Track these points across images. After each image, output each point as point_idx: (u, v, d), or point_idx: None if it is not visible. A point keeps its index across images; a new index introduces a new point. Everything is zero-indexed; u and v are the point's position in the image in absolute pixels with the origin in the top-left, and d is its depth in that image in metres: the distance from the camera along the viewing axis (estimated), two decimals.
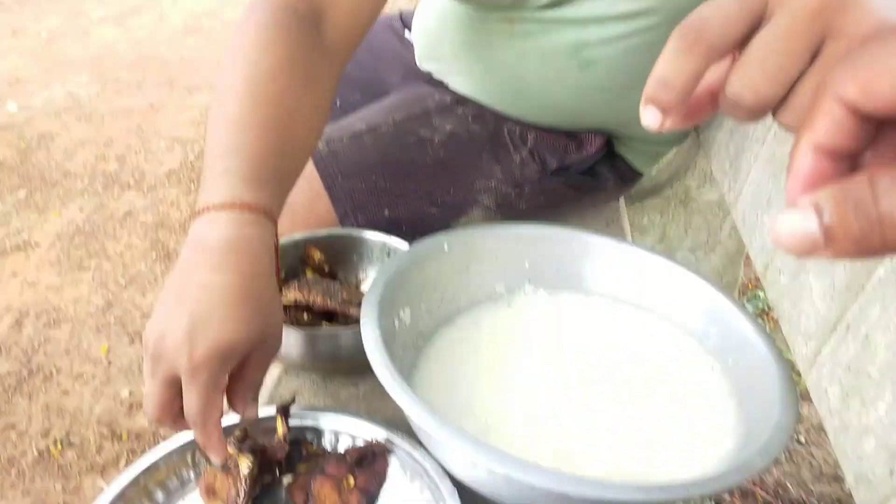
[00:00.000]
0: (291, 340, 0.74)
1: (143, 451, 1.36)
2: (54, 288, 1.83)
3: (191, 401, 0.54)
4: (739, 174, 0.90)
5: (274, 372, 0.80)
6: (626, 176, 1.05)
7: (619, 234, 1.13)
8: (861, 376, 0.52)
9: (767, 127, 0.83)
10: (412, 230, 0.92)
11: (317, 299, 0.77)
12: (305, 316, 0.78)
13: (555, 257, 0.82)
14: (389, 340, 0.63)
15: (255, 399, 0.64)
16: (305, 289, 0.78)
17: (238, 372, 0.59)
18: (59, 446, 1.35)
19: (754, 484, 1.38)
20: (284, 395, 0.77)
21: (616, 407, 0.67)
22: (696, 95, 0.33)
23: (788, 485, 1.37)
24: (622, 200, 1.21)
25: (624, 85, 0.87)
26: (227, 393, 0.60)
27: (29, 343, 1.63)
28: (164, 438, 0.64)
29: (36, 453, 1.35)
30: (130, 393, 1.48)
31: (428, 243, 0.76)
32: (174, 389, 0.55)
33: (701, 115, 0.33)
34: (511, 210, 0.98)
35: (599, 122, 0.95)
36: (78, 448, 1.35)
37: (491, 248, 0.80)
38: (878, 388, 0.50)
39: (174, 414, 0.57)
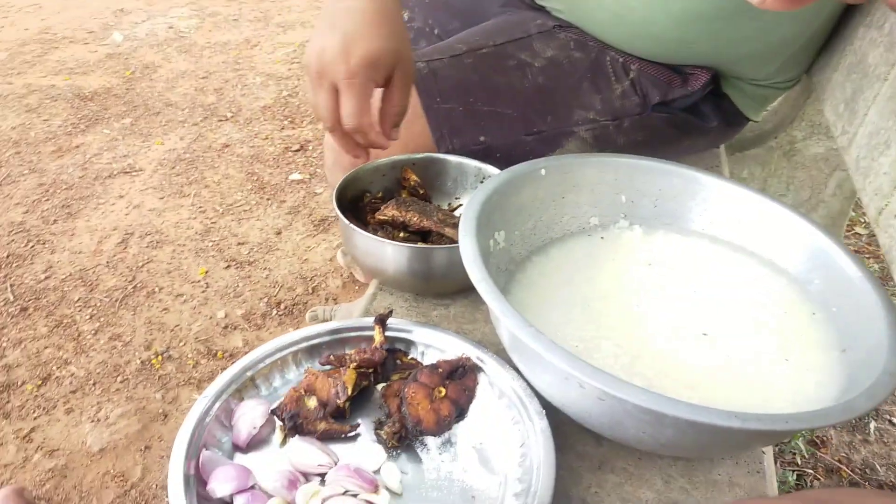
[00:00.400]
0: (388, 255, 0.76)
1: None
2: (157, 211, 1.93)
3: (347, 104, 0.69)
4: (855, 116, 0.85)
5: (369, 289, 0.82)
6: (732, 119, 1.01)
7: None
8: None
9: (891, 63, 0.78)
10: (507, 159, 0.91)
11: (413, 217, 0.79)
12: (402, 234, 0.80)
13: (653, 192, 0.81)
14: (485, 258, 0.64)
15: (398, 126, 0.77)
16: (402, 207, 0.80)
17: (386, 97, 0.74)
18: (160, 359, 1.44)
19: (840, 461, 1.34)
20: (380, 309, 0.80)
21: (711, 348, 0.66)
22: None
23: (877, 466, 1.31)
24: (722, 149, 1.17)
25: (731, 13, 0.83)
26: (379, 116, 0.74)
27: (133, 261, 1.74)
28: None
29: (139, 363, 1.45)
30: (226, 315, 1.56)
31: (525, 167, 0.76)
32: (336, 97, 0.69)
33: None
34: (608, 144, 0.96)
35: (704, 55, 0.92)
36: (177, 362, 1.44)
37: (588, 177, 0.79)
38: None
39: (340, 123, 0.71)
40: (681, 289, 0.73)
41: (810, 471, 1.29)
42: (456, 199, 0.92)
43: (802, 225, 0.73)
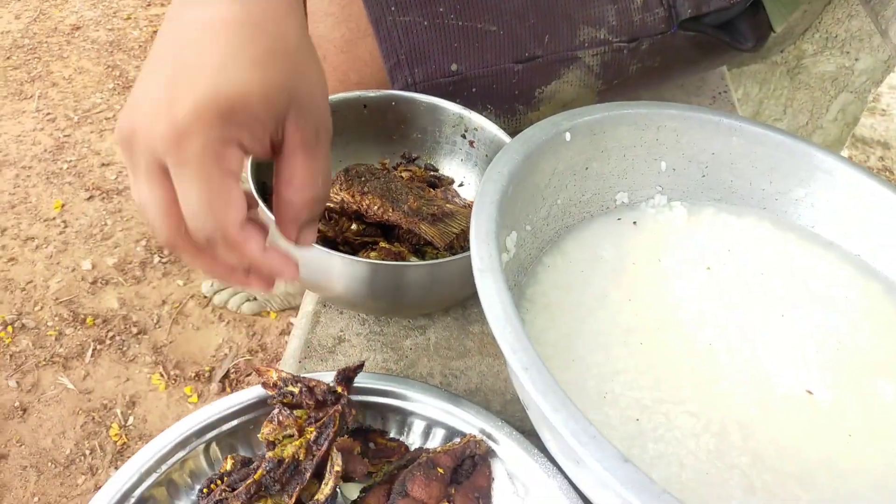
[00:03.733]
0: (336, 271, 0.50)
1: (113, 340, 1.16)
2: None
3: (188, 192, 0.35)
4: None
5: (307, 305, 0.56)
6: (763, 35, 0.78)
7: (728, 110, 0.88)
8: None
9: None
10: (484, 95, 0.67)
11: (373, 205, 0.53)
12: (353, 226, 0.54)
13: (703, 157, 0.59)
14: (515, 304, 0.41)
15: (314, 220, 0.41)
16: (356, 186, 0.53)
17: (280, 172, 0.39)
18: (10, 330, 1.12)
19: None
20: (324, 341, 0.54)
21: (821, 416, 0.46)
22: None
23: None
24: (725, 69, 0.95)
25: None
26: (275, 214, 0.39)
27: None
28: (137, 325, 0.43)
29: None
30: (93, 265, 1.23)
31: (543, 131, 0.51)
32: (170, 185, 0.35)
33: None
34: (616, 73, 0.72)
35: None
36: (33, 333, 1.12)
37: (622, 139, 0.56)
38: None
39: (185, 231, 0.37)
40: (756, 310, 0.52)
41: None
42: (427, 154, 0.65)
43: None
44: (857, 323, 0.52)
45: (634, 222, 0.58)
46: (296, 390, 0.43)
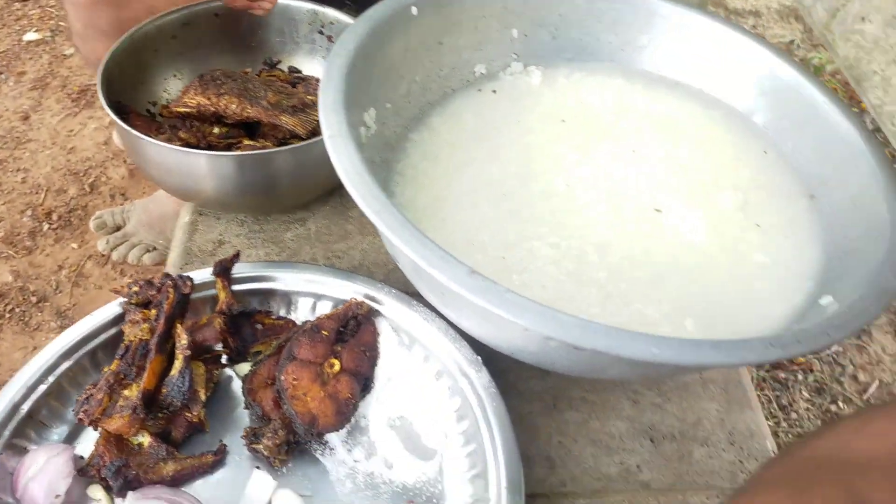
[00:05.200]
0: (203, 169, 0.50)
1: (13, 313, 1.11)
2: None
3: None
4: None
5: (183, 217, 0.57)
6: None
7: None
8: None
9: None
10: None
11: (231, 105, 0.53)
12: (216, 129, 0.54)
13: (552, 19, 0.61)
14: (366, 163, 0.43)
15: None
16: (212, 89, 0.53)
17: None
18: None
19: None
20: (204, 246, 0.55)
21: (667, 229, 0.50)
22: None
23: None
24: None
25: None
26: None
27: None
28: (35, 294, 0.43)
29: None
30: None
31: (388, 7, 0.52)
32: None
33: None
34: None
35: None
36: None
37: (470, 10, 0.57)
38: None
39: None
40: (609, 149, 0.56)
41: None
42: (286, 55, 0.65)
43: (743, 43, 0.58)
44: (701, 147, 0.56)
45: (494, 91, 0.60)
46: (137, 288, 0.44)
